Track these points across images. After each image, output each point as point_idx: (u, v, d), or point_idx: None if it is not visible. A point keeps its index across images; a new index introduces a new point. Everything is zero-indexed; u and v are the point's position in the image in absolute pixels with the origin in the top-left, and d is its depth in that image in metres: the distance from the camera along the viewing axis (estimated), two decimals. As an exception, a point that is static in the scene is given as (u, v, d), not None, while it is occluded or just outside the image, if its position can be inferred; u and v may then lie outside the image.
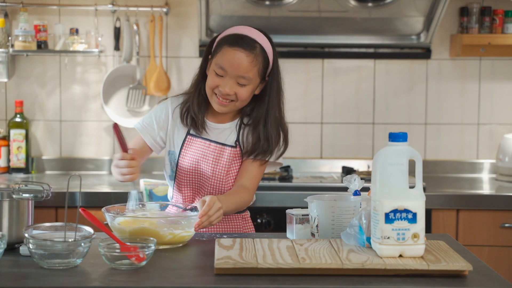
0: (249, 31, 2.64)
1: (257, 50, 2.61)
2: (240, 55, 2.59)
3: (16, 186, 2.33)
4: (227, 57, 2.60)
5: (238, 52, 2.59)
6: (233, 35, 2.63)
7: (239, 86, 2.61)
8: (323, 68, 4.32)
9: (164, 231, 2.34)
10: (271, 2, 4.05)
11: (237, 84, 2.61)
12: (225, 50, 2.61)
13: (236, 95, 2.62)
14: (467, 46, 4.16)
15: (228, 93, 2.60)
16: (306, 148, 4.35)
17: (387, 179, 2.10)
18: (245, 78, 2.60)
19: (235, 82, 2.60)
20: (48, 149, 4.32)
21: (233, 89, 2.61)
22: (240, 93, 2.62)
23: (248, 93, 2.63)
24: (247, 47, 2.60)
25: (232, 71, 2.59)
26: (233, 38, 2.62)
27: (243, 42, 2.60)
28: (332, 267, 2.04)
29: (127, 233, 2.35)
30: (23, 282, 2.00)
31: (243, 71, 2.59)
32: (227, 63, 2.59)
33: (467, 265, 2.04)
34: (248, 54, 2.60)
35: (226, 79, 2.60)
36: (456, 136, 4.35)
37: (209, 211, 2.41)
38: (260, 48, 2.63)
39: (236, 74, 2.59)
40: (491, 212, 3.74)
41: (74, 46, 4.13)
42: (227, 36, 2.65)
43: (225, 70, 2.60)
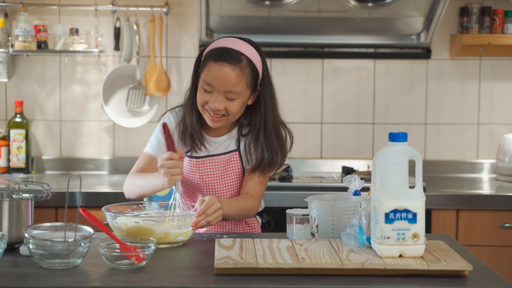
0: (234, 43, 2.60)
1: (243, 62, 2.57)
2: (225, 69, 2.55)
3: (16, 186, 2.33)
4: (213, 72, 2.56)
5: (223, 67, 2.55)
6: (217, 49, 2.59)
7: (229, 100, 2.57)
8: (323, 68, 4.32)
9: (161, 230, 2.34)
10: (271, 2, 4.05)
11: (226, 98, 2.57)
12: (210, 66, 2.57)
13: (227, 109, 2.58)
14: (467, 46, 4.16)
15: (218, 108, 2.57)
16: (306, 148, 4.35)
17: (387, 179, 2.10)
18: (234, 92, 2.56)
19: (223, 97, 2.57)
20: (48, 149, 4.32)
21: (223, 104, 2.57)
22: (230, 107, 2.58)
23: (239, 107, 2.60)
24: (232, 61, 2.55)
25: (219, 87, 2.56)
26: (218, 52, 2.57)
27: (228, 56, 2.56)
28: (332, 267, 2.04)
29: (124, 231, 2.35)
30: (23, 282, 2.00)
31: (230, 86, 2.55)
32: (213, 79, 2.56)
33: (467, 265, 2.04)
34: (233, 68, 2.55)
35: (214, 94, 2.57)
36: (456, 136, 4.35)
37: (207, 211, 2.41)
38: (246, 60, 2.58)
39: (223, 89, 2.56)
40: (491, 212, 3.74)
41: (74, 46, 4.13)
42: (212, 50, 2.60)
43: (212, 86, 2.56)
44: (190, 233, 2.42)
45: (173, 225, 2.39)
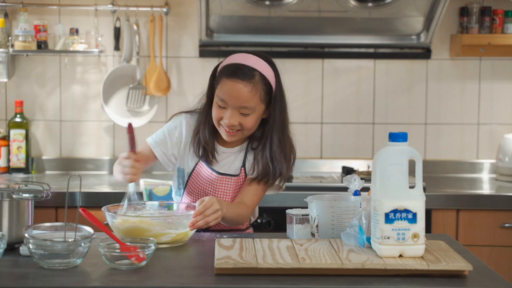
0: (246, 59, 2.62)
1: (256, 78, 2.59)
2: (238, 86, 2.57)
3: (16, 186, 2.33)
4: (226, 89, 2.58)
5: (236, 84, 2.57)
6: (230, 65, 2.62)
7: (243, 116, 2.60)
8: (323, 68, 4.32)
9: (157, 230, 2.34)
10: (271, 2, 4.05)
11: (240, 114, 2.59)
12: (223, 82, 2.60)
13: (241, 124, 2.61)
14: (467, 46, 4.16)
15: (233, 124, 2.59)
16: (306, 148, 4.35)
17: (387, 179, 2.10)
18: (247, 108, 2.59)
19: (238, 113, 2.59)
20: (48, 149, 4.32)
21: (237, 120, 2.60)
22: (245, 122, 2.61)
23: (254, 121, 2.62)
24: (244, 77, 2.57)
25: (232, 103, 2.58)
26: (231, 69, 2.60)
27: (241, 72, 2.58)
28: (332, 267, 2.04)
29: (122, 231, 2.35)
30: (23, 282, 2.00)
31: (243, 102, 2.58)
32: (226, 95, 2.58)
33: (467, 265, 2.04)
34: (246, 84, 2.57)
35: (228, 110, 2.60)
36: (456, 136, 4.35)
37: (205, 211, 2.41)
38: (259, 75, 2.60)
39: (237, 105, 2.58)
40: (491, 212, 3.74)
41: (74, 46, 4.13)
42: (225, 67, 2.63)
43: (226, 102, 2.59)
44: (188, 233, 2.41)
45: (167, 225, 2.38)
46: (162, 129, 2.77)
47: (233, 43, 4.22)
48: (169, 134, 2.73)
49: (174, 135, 2.73)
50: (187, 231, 2.41)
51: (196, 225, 2.40)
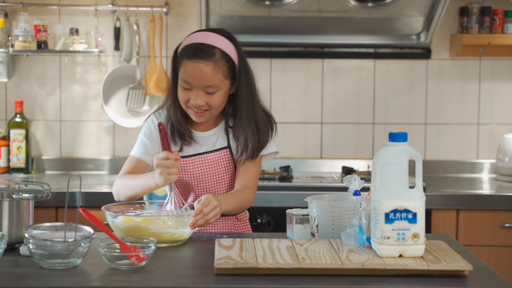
0: (205, 38, 2.61)
1: (216, 56, 2.58)
2: (200, 66, 2.56)
3: (16, 186, 2.33)
4: (188, 70, 2.58)
5: (197, 64, 2.57)
6: (190, 46, 2.60)
7: (209, 94, 2.59)
8: (323, 68, 4.32)
9: (157, 230, 2.34)
10: (271, 2, 4.05)
11: (206, 93, 2.59)
12: (185, 64, 2.59)
13: (208, 104, 2.60)
14: (467, 46, 4.16)
15: (200, 104, 2.59)
16: (306, 148, 4.35)
17: (387, 179, 2.10)
18: (212, 87, 2.58)
19: (203, 93, 2.59)
20: (48, 149, 4.32)
21: (204, 99, 2.59)
22: (212, 101, 2.60)
23: (220, 99, 2.62)
24: (205, 57, 2.57)
25: (196, 83, 2.58)
26: (191, 49, 2.59)
27: (201, 52, 2.57)
28: (332, 267, 2.04)
29: (121, 230, 2.35)
30: (23, 282, 2.00)
31: (207, 81, 2.57)
32: (189, 77, 2.58)
33: (467, 265, 2.04)
34: (207, 64, 2.57)
35: (194, 91, 2.59)
36: (456, 136, 4.35)
37: (204, 210, 2.41)
38: (220, 52, 2.59)
39: (201, 85, 2.57)
40: (491, 212, 3.74)
41: (74, 46, 4.13)
42: (185, 47, 2.62)
43: (190, 83, 2.58)
44: (188, 232, 2.42)
45: (169, 224, 2.38)
46: (139, 138, 2.74)
47: (233, 43, 4.22)
48: (145, 137, 2.71)
49: (151, 135, 2.71)
50: (187, 230, 2.41)
51: (196, 224, 2.40)
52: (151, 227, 2.35)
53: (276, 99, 4.32)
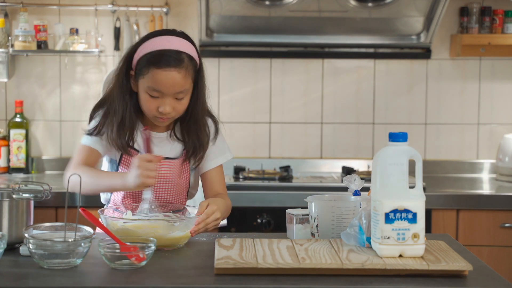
0: (170, 43, 2.51)
1: (185, 61, 2.50)
2: (172, 74, 2.48)
3: (16, 186, 2.33)
4: (160, 79, 2.48)
5: (169, 72, 2.48)
6: (156, 53, 2.50)
7: (178, 100, 2.53)
8: (323, 68, 4.32)
9: (146, 233, 2.31)
10: (271, 2, 4.05)
11: (175, 99, 2.52)
12: (154, 73, 2.48)
13: (176, 109, 2.54)
14: (467, 46, 4.16)
15: (169, 111, 2.52)
16: (306, 148, 4.35)
17: (387, 179, 2.10)
18: (183, 92, 2.52)
19: (173, 99, 2.52)
20: (48, 149, 4.32)
21: (173, 105, 2.52)
22: (180, 107, 2.54)
23: (186, 104, 2.56)
24: (176, 64, 2.48)
25: (168, 91, 2.49)
26: (158, 57, 2.48)
27: (171, 59, 2.48)
28: (332, 267, 2.04)
29: (114, 232, 2.33)
30: (23, 282, 2.00)
31: (179, 87, 2.50)
32: (161, 86, 2.49)
33: (467, 265, 2.04)
34: (179, 71, 2.49)
35: (163, 99, 2.51)
36: (456, 136, 4.35)
37: (207, 219, 2.42)
38: (186, 56, 2.51)
39: (173, 92, 2.50)
40: (491, 212, 3.74)
41: (74, 46, 4.13)
42: (150, 55, 2.51)
43: (160, 91, 2.50)
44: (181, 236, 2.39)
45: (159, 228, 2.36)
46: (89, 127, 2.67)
47: (233, 43, 4.23)
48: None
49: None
50: (185, 234, 2.38)
51: (197, 232, 2.41)
52: (139, 230, 2.33)
53: (276, 99, 4.33)
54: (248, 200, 3.73)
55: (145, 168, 2.37)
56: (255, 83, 4.31)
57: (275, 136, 4.34)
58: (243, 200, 3.71)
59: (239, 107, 4.31)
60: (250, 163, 4.20)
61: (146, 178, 2.37)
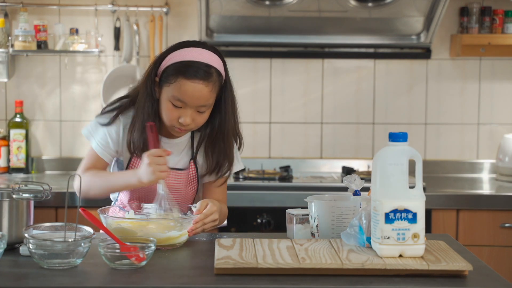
0: (201, 55, 2.51)
1: (213, 76, 2.51)
2: (199, 87, 2.48)
3: (16, 186, 2.33)
4: (186, 90, 2.48)
5: (197, 85, 2.48)
6: (186, 64, 2.49)
7: (199, 113, 2.53)
8: (323, 68, 4.32)
9: (142, 232, 2.31)
10: (271, 2, 4.05)
11: (197, 112, 2.52)
12: (182, 83, 2.48)
13: (195, 121, 2.54)
14: (467, 46, 4.16)
15: (189, 123, 2.52)
16: (306, 148, 4.35)
17: (387, 179, 2.10)
18: (206, 106, 2.52)
19: (195, 111, 2.52)
20: (48, 149, 4.32)
21: (193, 117, 2.52)
22: (200, 119, 2.54)
23: (206, 117, 2.56)
24: (204, 77, 2.48)
25: (193, 103, 2.49)
26: (187, 68, 2.48)
27: (201, 72, 2.48)
28: (332, 267, 2.04)
29: (112, 231, 2.33)
30: (23, 282, 2.00)
31: (204, 101, 2.50)
32: (186, 97, 2.48)
33: (467, 265, 2.04)
34: (207, 84, 2.49)
35: (185, 109, 2.51)
36: (456, 136, 4.35)
37: (205, 219, 2.42)
38: (215, 71, 2.52)
39: (196, 104, 2.50)
40: (491, 212, 3.74)
41: (74, 46, 4.13)
42: (179, 65, 2.51)
43: (184, 103, 2.50)
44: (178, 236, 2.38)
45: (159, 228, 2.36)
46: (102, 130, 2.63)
47: (233, 43, 4.23)
48: (109, 135, 2.62)
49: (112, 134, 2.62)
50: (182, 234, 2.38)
51: (194, 232, 2.41)
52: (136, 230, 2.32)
53: (276, 99, 4.33)
54: (248, 200, 3.73)
55: (156, 163, 2.40)
56: (255, 83, 4.31)
57: (275, 136, 4.34)
58: (243, 200, 3.71)
59: (239, 107, 4.30)
60: (250, 163, 4.20)
61: (159, 172, 2.39)
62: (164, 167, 2.41)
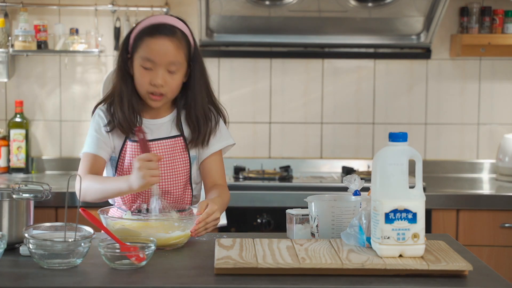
0: (164, 19, 2.62)
1: (178, 34, 2.58)
2: (164, 41, 2.55)
3: (16, 186, 2.33)
4: (153, 47, 2.55)
5: (162, 40, 2.55)
6: (150, 26, 2.59)
7: (170, 74, 2.57)
8: (323, 68, 4.32)
9: (147, 234, 2.31)
10: (271, 2, 4.05)
11: (168, 72, 2.57)
12: (148, 41, 2.56)
13: (167, 84, 2.57)
14: (467, 46, 4.16)
15: (161, 83, 2.56)
16: (306, 148, 4.35)
17: (387, 179, 2.10)
18: (175, 64, 2.57)
19: (165, 71, 2.56)
20: (48, 149, 4.32)
21: (165, 79, 2.56)
22: (171, 82, 2.57)
23: (179, 81, 2.60)
24: (169, 33, 2.56)
25: (160, 60, 2.55)
26: (152, 28, 2.58)
27: (164, 29, 2.56)
28: (332, 267, 2.04)
29: (114, 232, 2.32)
30: (23, 282, 2.00)
31: (172, 57, 2.55)
32: (154, 54, 2.55)
33: (467, 265, 2.04)
34: (171, 39, 2.56)
35: (155, 70, 2.56)
36: (456, 136, 4.35)
37: (207, 219, 2.42)
38: (180, 32, 2.59)
39: (165, 61, 2.55)
40: (491, 212, 3.74)
41: (74, 46, 4.13)
42: (144, 28, 2.60)
43: (153, 61, 2.55)
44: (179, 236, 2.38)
45: (159, 228, 2.35)
46: (88, 134, 2.67)
47: (233, 43, 4.23)
48: (97, 132, 2.64)
49: (100, 130, 2.64)
50: (184, 234, 2.38)
51: (197, 232, 2.40)
52: (139, 230, 2.32)
53: (276, 99, 4.33)
54: (248, 200, 3.73)
55: (147, 168, 2.38)
56: (255, 83, 4.31)
57: (275, 136, 4.34)
58: (243, 200, 3.71)
59: (239, 107, 4.32)
60: (250, 163, 4.20)
61: (150, 177, 2.38)
62: (155, 171, 2.39)
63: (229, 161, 2.79)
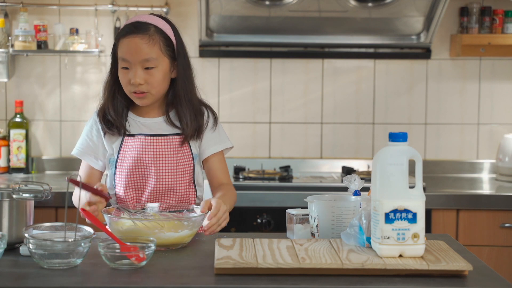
0: (139, 17, 2.65)
1: (151, 30, 2.60)
2: (135, 40, 2.58)
3: (16, 186, 2.33)
4: (124, 47, 2.60)
5: (132, 39, 2.58)
6: (125, 26, 2.64)
7: (148, 71, 2.58)
8: (323, 68, 4.32)
9: (155, 233, 2.31)
10: (271, 2, 4.05)
11: (145, 70, 2.59)
12: (121, 42, 2.61)
13: (148, 82, 2.58)
14: (467, 46, 4.16)
15: (139, 82, 2.58)
16: (306, 148, 4.35)
17: (387, 179, 2.10)
18: (149, 60, 2.58)
19: (141, 69, 2.59)
20: (48, 149, 4.32)
21: (142, 77, 2.58)
22: (151, 79, 2.59)
23: (160, 77, 2.60)
24: (139, 31, 2.59)
25: (134, 58, 2.58)
26: (124, 28, 2.63)
27: (135, 27, 2.59)
28: (332, 267, 2.04)
29: (121, 232, 2.33)
30: (23, 282, 2.00)
31: (144, 54, 2.57)
32: (126, 53, 2.59)
33: (467, 265, 2.04)
34: (142, 37, 2.58)
35: (132, 69, 2.59)
36: (456, 136, 4.35)
37: (218, 213, 2.41)
38: (154, 27, 2.61)
39: (139, 59, 2.58)
40: (491, 212, 3.74)
41: (74, 46, 4.13)
42: (120, 30, 2.65)
43: (127, 61, 2.59)
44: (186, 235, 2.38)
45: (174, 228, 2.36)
46: (82, 135, 2.72)
47: (233, 43, 4.23)
48: (88, 137, 2.69)
49: (93, 135, 2.69)
50: (190, 233, 2.38)
51: (211, 230, 2.39)
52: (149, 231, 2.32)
53: (276, 99, 4.33)
54: (248, 200, 3.73)
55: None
56: (255, 83, 4.31)
57: (275, 136, 4.35)
58: (243, 200, 3.71)
59: (239, 107, 4.32)
60: (250, 163, 4.20)
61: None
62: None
63: (229, 161, 2.79)
